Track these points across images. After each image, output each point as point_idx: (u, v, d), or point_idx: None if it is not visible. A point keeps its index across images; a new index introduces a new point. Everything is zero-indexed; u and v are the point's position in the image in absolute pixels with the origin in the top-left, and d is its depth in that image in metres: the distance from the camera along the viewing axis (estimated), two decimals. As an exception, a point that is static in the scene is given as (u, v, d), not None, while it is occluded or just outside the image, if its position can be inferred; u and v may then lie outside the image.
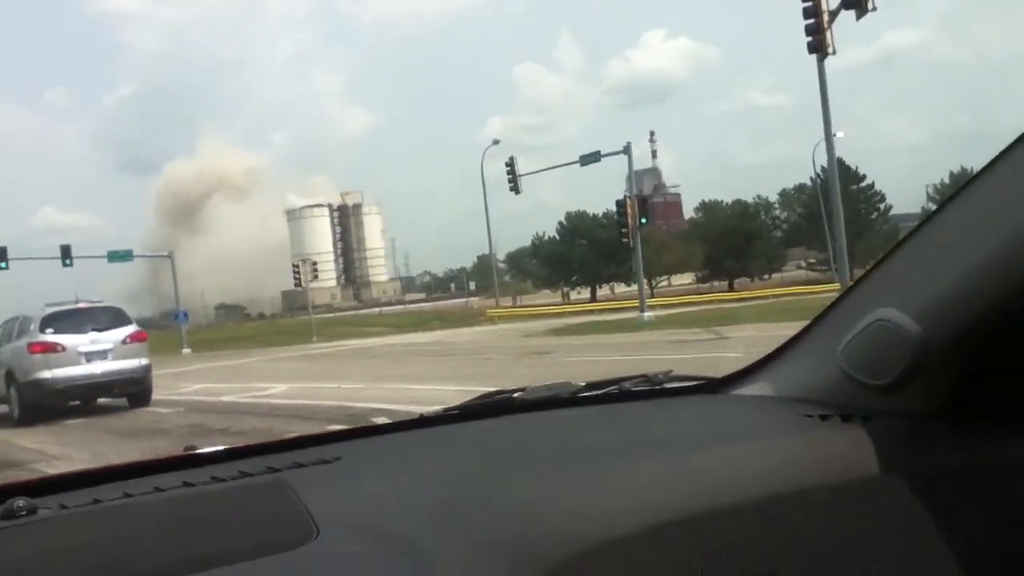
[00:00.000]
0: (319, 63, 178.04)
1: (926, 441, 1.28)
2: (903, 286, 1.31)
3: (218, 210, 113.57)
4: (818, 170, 56.52)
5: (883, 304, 1.30)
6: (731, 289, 54.52)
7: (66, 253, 38.97)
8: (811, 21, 20.47)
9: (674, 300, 43.05)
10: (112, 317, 15.70)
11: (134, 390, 15.40)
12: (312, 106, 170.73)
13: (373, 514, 1.11)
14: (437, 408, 1.74)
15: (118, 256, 42.57)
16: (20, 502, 1.07)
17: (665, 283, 60.89)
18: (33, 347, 14.61)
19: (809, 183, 59.98)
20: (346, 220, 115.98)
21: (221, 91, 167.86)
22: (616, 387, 1.73)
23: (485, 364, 17.63)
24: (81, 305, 15.72)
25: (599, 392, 1.73)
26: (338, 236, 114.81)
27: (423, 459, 1.40)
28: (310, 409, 12.38)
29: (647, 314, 31.19)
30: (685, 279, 60.87)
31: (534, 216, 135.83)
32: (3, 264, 36.81)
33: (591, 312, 43.72)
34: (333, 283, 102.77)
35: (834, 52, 20.56)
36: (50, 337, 14.73)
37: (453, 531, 1.08)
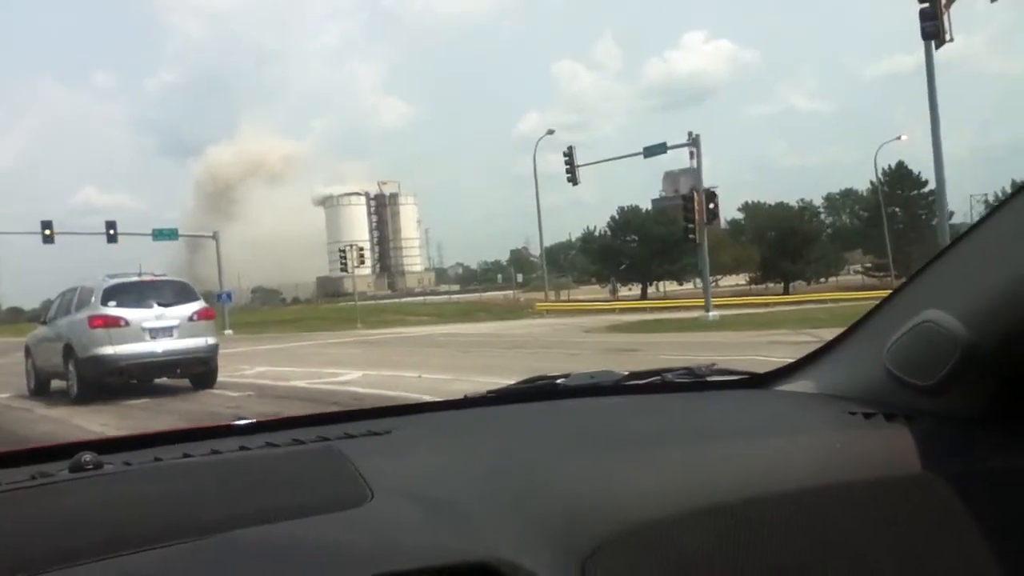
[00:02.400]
0: (360, 54, 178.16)
1: (968, 443, 1.28)
2: (951, 289, 1.31)
3: (255, 195, 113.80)
4: (879, 173, 55.13)
5: (930, 306, 1.30)
6: (786, 292, 52.85)
7: (111, 229, 38.25)
8: (926, 5, 18.94)
9: (730, 300, 41.49)
10: (178, 291, 14.58)
11: (200, 371, 14.29)
12: (351, 96, 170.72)
13: (424, 483, 1.14)
14: (481, 391, 1.77)
15: (163, 235, 41.81)
16: (87, 456, 1.13)
17: (713, 284, 59.31)
18: (95, 320, 13.50)
19: (870, 186, 58.47)
20: (382, 209, 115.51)
21: (262, 78, 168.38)
22: (659, 378, 1.74)
23: (572, 360, 16.31)
24: (146, 277, 14.61)
25: (642, 382, 1.75)
26: (374, 225, 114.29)
27: (470, 436, 1.44)
28: (397, 400, 11.16)
29: (713, 313, 29.76)
30: (733, 280, 59.13)
31: (567, 212, 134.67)
32: (50, 239, 36.28)
33: (644, 310, 42.31)
34: (368, 271, 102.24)
35: (951, 39, 18.99)
36: (113, 310, 13.62)
37: (500, 502, 1.11)
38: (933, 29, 18.92)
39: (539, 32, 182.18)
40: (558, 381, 1.75)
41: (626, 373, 1.79)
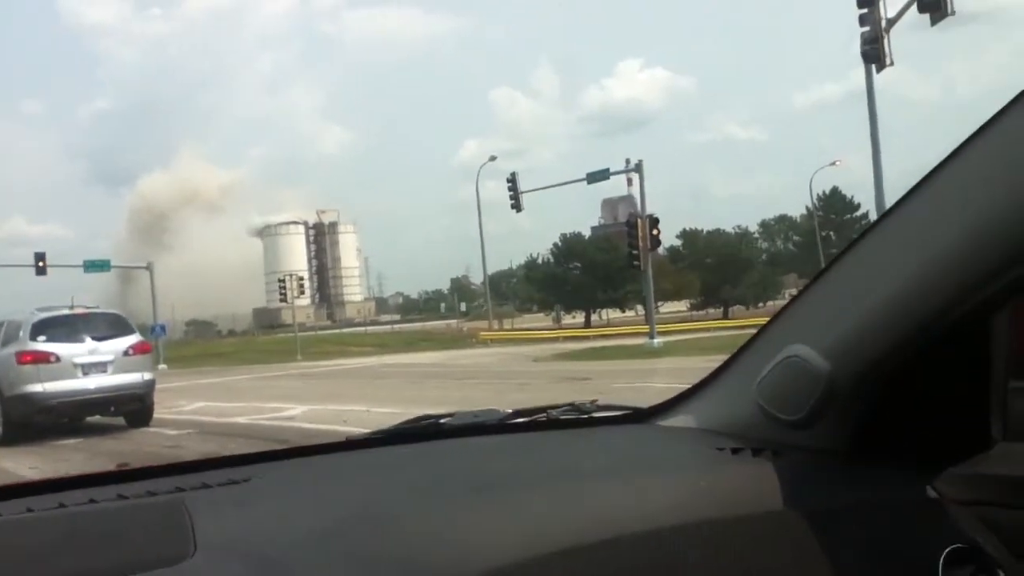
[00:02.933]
0: (296, 81, 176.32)
1: (831, 477, 1.30)
2: (814, 323, 1.32)
3: (190, 225, 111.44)
4: (814, 199, 56.39)
5: (796, 340, 1.31)
6: (726, 316, 53.46)
7: (40, 261, 36.86)
8: (867, 29, 19.34)
9: (672, 327, 41.75)
10: (112, 324, 13.92)
11: (135, 408, 13.60)
12: (288, 123, 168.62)
13: (255, 537, 1.13)
14: (364, 431, 1.83)
15: (95, 266, 40.52)
16: None
17: (655, 310, 59.69)
18: (23, 356, 12.78)
19: (805, 211, 59.75)
20: (321, 238, 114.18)
21: (197, 106, 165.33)
22: (544, 415, 1.74)
23: (523, 391, 16.01)
24: (78, 310, 13.93)
25: (526, 420, 1.75)
26: (313, 254, 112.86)
27: (332, 482, 1.42)
28: (351, 437, 10.70)
29: (657, 340, 29.85)
30: (674, 306, 59.66)
31: (507, 240, 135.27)
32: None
33: (587, 338, 42.28)
34: (308, 302, 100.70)
35: (891, 63, 19.38)
36: (43, 346, 12.90)
37: (332, 555, 1.09)
38: (874, 53, 19.31)
39: (476, 59, 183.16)
40: (442, 421, 1.74)
41: (510, 411, 1.79)
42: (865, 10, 19.20)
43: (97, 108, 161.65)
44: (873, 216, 56.75)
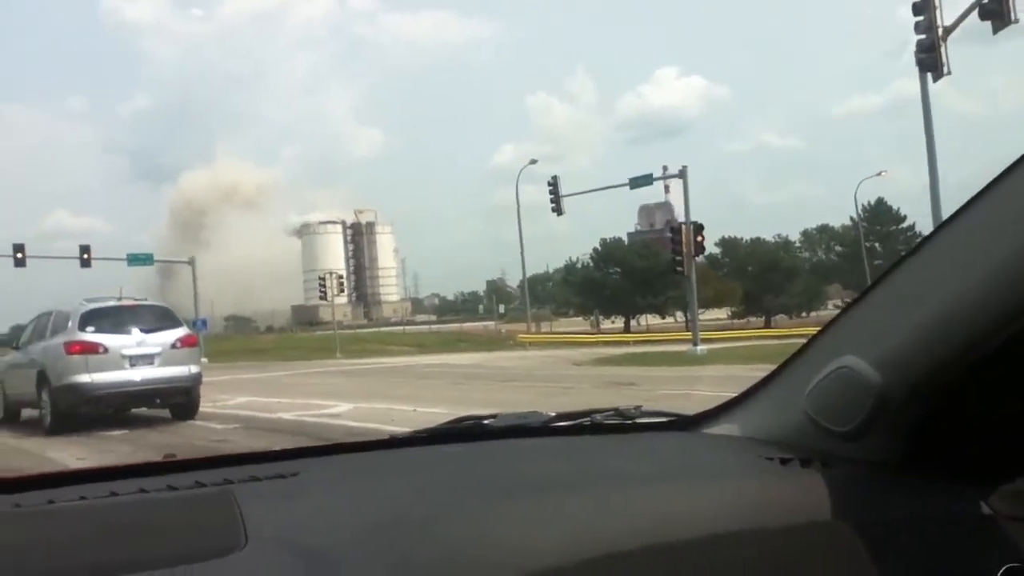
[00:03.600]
0: (333, 82, 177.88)
1: (881, 491, 1.29)
2: (866, 334, 1.31)
3: (228, 222, 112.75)
4: (859, 209, 55.45)
5: (848, 351, 1.30)
6: (768, 326, 52.66)
7: (85, 253, 37.30)
8: (923, 37, 18.81)
9: (714, 334, 41.15)
10: (159, 317, 13.84)
11: (181, 401, 13.54)
12: (325, 124, 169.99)
13: (305, 530, 1.14)
14: (407, 430, 1.84)
15: (138, 259, 40.87)
16: None
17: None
18: (71, 347, 12.74)
19: (850, 221, 58.74)
20: (359, 238, 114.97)
21: (236, 105, 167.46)
22: (588, 419, 1.74)
23: (567, 394, 15.74)
24: (126, 302, 13.87)
25: (570, 423, 1.75)
26: (350, 253, 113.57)
27: (378, 480, 1.43)
28: (395, 435, 10.50)
29: (700, 347, 29.34)
30: (714, 314, 58.94)
31: (542, 243, 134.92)
32: (21, 262, 35.30)
33: (627, 343, 41.84)
34: (345, 300, 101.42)
35: (949, 72, 18.83)
36: (91, 336, 12.87)
37: (379, 552, 1.10)
38: (930, 61, 18.77)
39: (514, 64, 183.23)
40: (486, 421, 1.75)
41: (554, 414, 1.78)
42: (921, 17, 18.67)
43: (138, 106, 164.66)
44: (921, 228, 55.75)
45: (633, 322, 59.60)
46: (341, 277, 48.66)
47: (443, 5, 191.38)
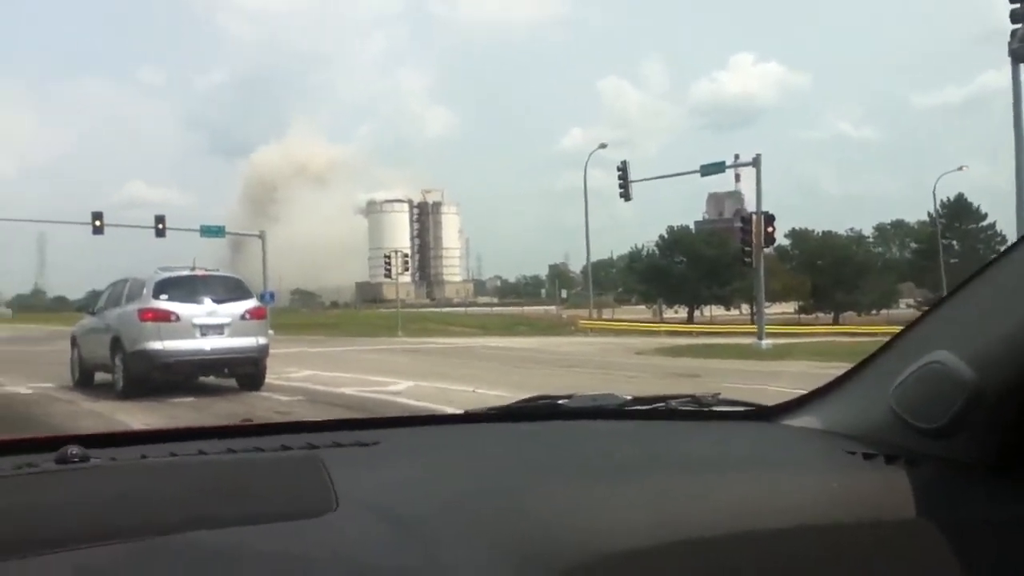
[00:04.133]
0: (406, 61, 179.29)
1: (969, 491, 1.25)
2: (961, 330, 1.28)
3: (298, 197, 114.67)
4: (937, 205, 53.70)
5: (939, 346, 1.27)
6: (836, 322, 51.48)
7: (160, 224, 38.26)
8: (1019, 27, 18.04)
9: (780, 328, 40.36)
10: (231, 288, 14.13)
11: (248, 371, 13.79)
12: (396, 103, 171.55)
13: (393, 497, 1.16)
14: (482, 407, 1.81)
15: (211, 231, 41.80)
16: (74, 450, 1.15)
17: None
18: (145, 314, 13.06)
19: (927, 218, 56.97)
20: (425, 217, 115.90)
21: (310, 82, 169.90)
22: (663, 404, 1.73)
23: (631, 383, 15.59)
24: (198, 272, 14.20)
25: (645, 407, 1.74)
26: (416, 233, 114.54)
27: (457, 453, 1.44)
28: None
29: (766, 341, 28.79)
30: (780, 308, 57.85)
31: (605, 229, 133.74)
32: (100, 230, 36.40)
33: (691, 333, 41.35)
34: (409, 279, 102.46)
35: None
36: (164, 304, 13.18)
37: (466, 523, 1.11)
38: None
39: (586, 47, 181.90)
40: (560, 402, 1.76)
41: (629, 398, 1.78)
42: (1018, 5, 17.90)
43: (215, 81, 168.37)
44: (1002, 227, 53.67)
45: (697, 312, 58.87)
46: (406, 256, 49.10)
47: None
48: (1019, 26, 18.09)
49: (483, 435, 1.64)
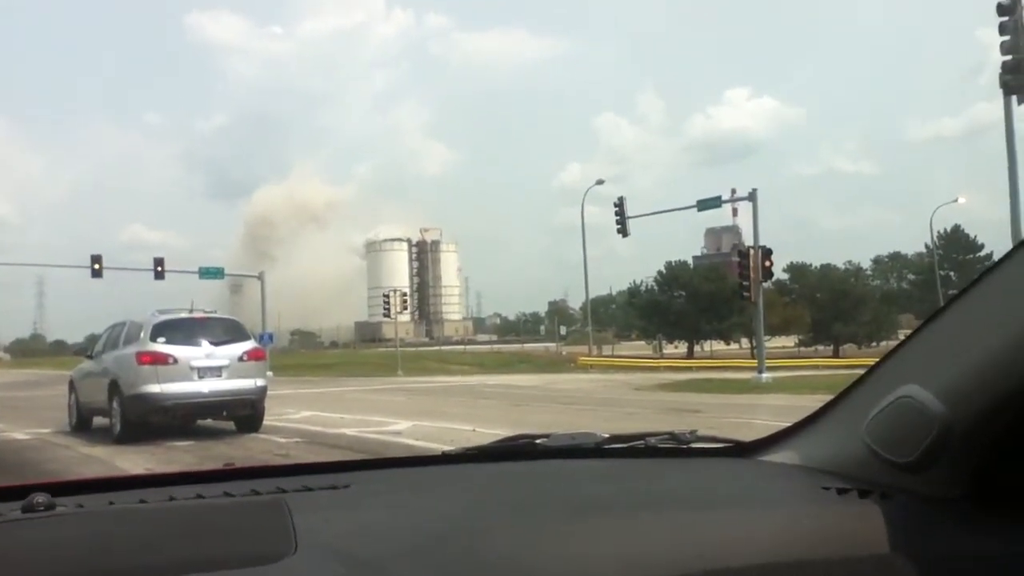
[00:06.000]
0: (405, 100, 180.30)
1: (941, 525, 1.25)
2: (931, 364, 1.27)
3: (298, 238, 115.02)
4: (934, 237, 53.86)
5: (910, 380, 1.26)
6: (836, 355, 51.38)
7: (159, 266, 38.33)
8: (1009, 58, 18.25)
9: (780, 362, 40.28)
10: (229, 330, 14.06)
11: (246, 413, 13.70)
12: (395, 141, 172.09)
13: (355, 541, 1.15)
14: (459, 447, 1.82)
15: (210, 273, 41.86)
16: (40, 498, 1.16)
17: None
18: (142, 357, 12.99)
19: (924, 249, 57.17)
20: (423, 256, 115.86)
21: (311, 122, 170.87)
22: (642, 442, 1.72)
23: (631, 419, 15.52)
24: (196, 314, 14.14)
25: (623, 446, 1.73)
26: (415, 271, 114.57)
27: (429, 494, 1.44)
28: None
29: (766, 375, 28.70)
30: (780, 341, 57.74)
31: (604, 265, 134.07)
32: (99, 273, 36.45)
33: (690, 368, 41.26)
34: (408, 318, 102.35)
35: (1035, 95, 18.21)
36: (161, 347, 13.11)
37: (427, 566, 1.10)
38: (1017, 83, 18.19)
39: (583, 85, 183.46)
40: (538, 441, 1.75)
41: (607, 436, 1.77)
42: (1007, 37, 18.13)
43: (215, 123, 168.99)
44: (1000, 255, 53.78)
45: (697, 347, 58.77)
46: (405, 295, 49.07)
47: (516, 24, 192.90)
48: (1009, 58, 18.31)
49: (458, 476, 1.63)
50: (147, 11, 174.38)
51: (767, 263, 28.91)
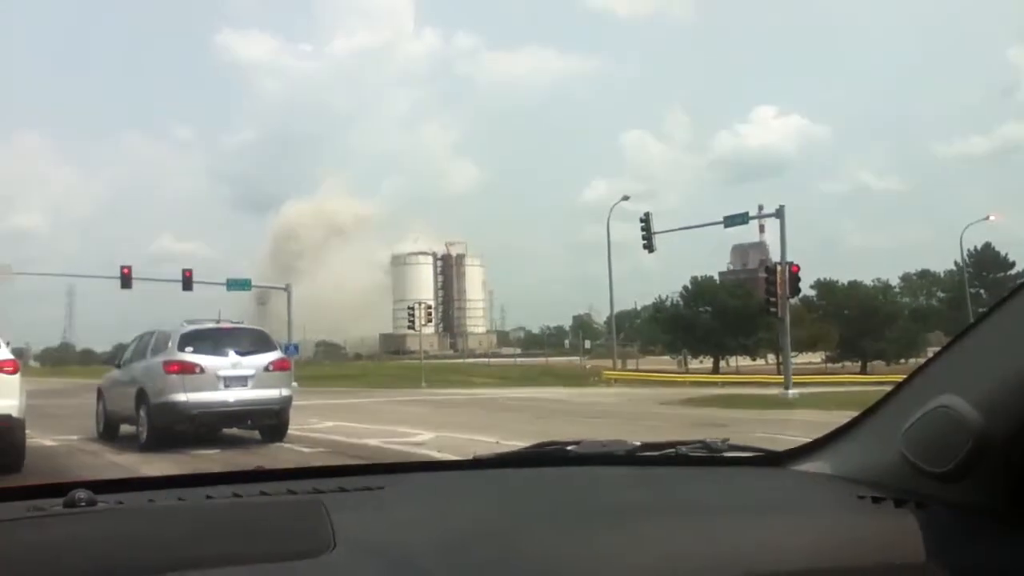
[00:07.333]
0: (432, 118, 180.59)
1: (978, 536, 1.24)
2: (968, 374, 1.27)
3: (324, 251, 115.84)
4: (964, 254, 53.25)
5: (947, 391, 1.26)
6: (863, 371, 50.81)
7: (187, 277, 38.70)
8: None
9: (807, 378, 39.86)
10: (255, 340, 14.20)
11: (271, 423, 13.78)
12: (422, 159, 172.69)
13: (390, 540, 1.18)
14: (491, 454, 1.82)
15: (237, 284, 42.21)
16: (81, 494, 1.18)
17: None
18: (170, 366, 13.14)
19: (954, 267, 56.52)
20: (449, 270, 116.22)
21: (338, 139, 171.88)
22: (673, 450, 1.71)
23: (656, 432, 15.38)
24: (223, 325, 14.34)
25: (655, 453, 1.73)
26: (440, 285, 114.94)
27: (461, 498, 1.45)
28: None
29: (793, 391, 28.43)
30: (807, 357, 57.19)
31: (629, 280, 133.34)
32: (128, 283, 36.88)
33: (716, 384, 40.93)
34: (432, 331, 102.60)
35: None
36: (189, 356, 13.25)
37: (462, 565, 1.13)
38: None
39: (610, 102, 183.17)
40: (569, 447, 1.75)
41: (639, 443, 1.77)
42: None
43: (245, 138, 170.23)
44: (1032, 274, 53.00)
45: (722, 363, 58.35)
46: (430, 308, 49.23)
47: (543, 43, 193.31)
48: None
49: (489, 480, 1.65)
50: (178, 29, 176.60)
51: (794, 270, 28.71)
